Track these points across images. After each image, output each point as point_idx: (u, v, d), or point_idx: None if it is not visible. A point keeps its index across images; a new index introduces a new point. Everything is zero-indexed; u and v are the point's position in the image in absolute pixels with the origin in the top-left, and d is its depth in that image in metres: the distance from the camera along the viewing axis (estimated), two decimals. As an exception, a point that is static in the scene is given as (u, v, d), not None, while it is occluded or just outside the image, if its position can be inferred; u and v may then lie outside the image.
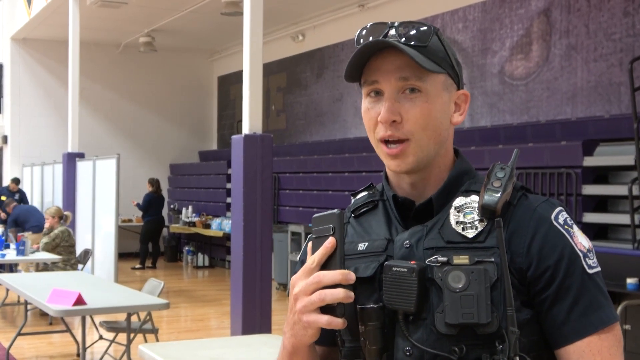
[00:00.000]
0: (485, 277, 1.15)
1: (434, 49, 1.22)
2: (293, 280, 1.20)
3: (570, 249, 1.18)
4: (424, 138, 1.22)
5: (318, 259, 1.16)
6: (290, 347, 1.22)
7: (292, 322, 1.19)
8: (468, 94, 1.29)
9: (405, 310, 1.18)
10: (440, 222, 1.22)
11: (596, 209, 7.04)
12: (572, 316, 1.16)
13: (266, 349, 3.96)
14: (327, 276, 1.14)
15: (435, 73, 1.22)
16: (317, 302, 1.14)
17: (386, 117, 1.21)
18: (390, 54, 1.22)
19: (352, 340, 1.24)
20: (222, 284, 11.53)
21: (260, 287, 6.08)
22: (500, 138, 8.37)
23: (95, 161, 10.22)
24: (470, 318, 1.14)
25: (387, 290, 1.19)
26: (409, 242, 1.22)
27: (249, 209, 6.06)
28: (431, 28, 1.22)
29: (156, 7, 12.06)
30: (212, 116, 16.52)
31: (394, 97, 1.22)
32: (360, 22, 11.13)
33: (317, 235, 1.19)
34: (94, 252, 9.90)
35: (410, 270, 1.17)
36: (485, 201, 1.18)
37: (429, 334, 1.17)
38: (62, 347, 7.28)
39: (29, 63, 14.93)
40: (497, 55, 8.90)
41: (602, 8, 7.63)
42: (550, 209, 1.21)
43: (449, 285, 1.15)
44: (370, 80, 1.24)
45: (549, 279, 1.17)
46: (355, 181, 10.07)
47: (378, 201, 1.32)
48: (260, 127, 6.21)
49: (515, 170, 1.24)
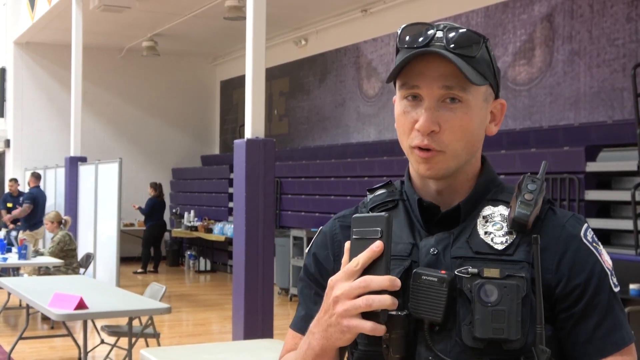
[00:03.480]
0: (518, 293, 1.13)
1: (481, 59, 1.19)
2: (332, 282, 1.14)
3: (600, 267, 1.17)
4: (459, 149, 1.20)
5: (362, 261, 1.11)
6: (319, 349, 1.16)
7: (327, 324, 1.13)
8: (505, 104, 1.27)
9: (431, 320, 1.16)
10: (468, 231, 1.20)
11: (599, 215, 7.03)
12: (597, 335, 1.15)
13: (268, 353, 3.95)
14: (374, 281, 1.09)
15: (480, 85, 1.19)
16: (362, 307, 1.09)
17: (425, 127, 1.17)
18: (435, 59, 1.17)
19: (368, 344, 1.21)
20: (224, 289, 11.52)
21: (262, 291, 6.07)
22: (503, 143, 8.36)
23: (98, 165, 10.23)
24: (500, 333, 1.12)
25: (415, 298, 1.16)
26: (435, 249, 1.20)
27: (251, 213, 6.06)
28: (481, 37, 1.19)
29: (159, 11, 12.07)
30: (214, 120, 16.53)
31: (434, 106, 1.18)
32: (363, 27, 11.20)
33: (360, 236, 1.14)
34: (96, 256, 9.90)
35: (441, 280, 1.15)
36: (517, 215, 1.16)
37: (453, 345, 1.15)
38: (63, 351, 7.27)
39: (31, 67, 14.95)
40: (499, 60, 8.89)
41: (605, 14, 7.63)
42: (578, 225, 1.20)
43: (481, 299, 1.13)
44: (411, 84, 1.19)
45: (578, 296, 1.16)
46: (357, 186, 10.07)
47: (398, 201, 1.29)
48: (262, 132, 6.21)
49: (544, 183, 1.21)
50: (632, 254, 6.36)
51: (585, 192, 6.97)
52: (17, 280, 7.26)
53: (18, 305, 8.76)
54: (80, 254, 9.35)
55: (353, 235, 1.15)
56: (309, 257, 1.35)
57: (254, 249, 6.04)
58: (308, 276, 1.35)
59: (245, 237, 6.03)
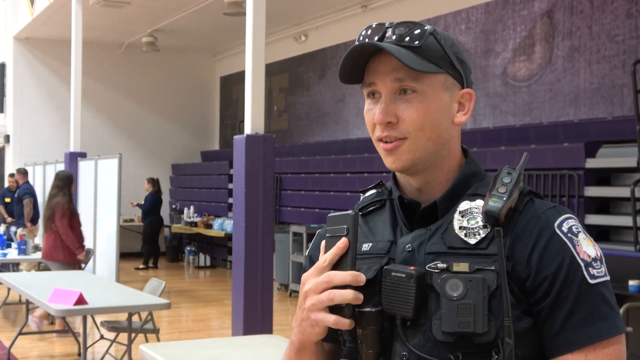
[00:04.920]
0: (484, 286, 1.13)
1: (429, 48, 1.20)
2: (304, 278, 1.20)
3: (570, 259, 1.15)
4: (421, 138, 1.21)
5: (330, 258, 1.17)
6: (298, 343, 1.22)
7: (301, 318, 1.19)
8: (473, 93, 1.27)
9: (403, 316, 1.17)
10: (444, 227, 1.21)
11: (598, 211, 7.03)
12: (568, 327, 1.13)
13: (267, 349, 3.95)
14: (337, 276, 1.15)
15: (431, 73, 1.20)
16: (325, 301, 1.14)
17: (380, 119, 1.21)
18: (386, 55, 1.20)
19: (351, 341, 1.24)
20: (224, 284, 11.53)
21: (261, 287, 6.07)
22: (503, 139, 8.36)
23: (97, 161, 10.22)
24: (466, 327, 1.13)
25: (386, 294, 1.18)
26: (411, 246, 1.21)
27: (250, 209, 6.06)
28: (425, 28, 1.20)
29: (159, 7, 12.06)
30: (214, 116, 16.52)
31: (390, 99, 1.21)
32: (363, 23, 11.13)
33: (331, 234, 1.19)
34: (96, 251, 9.90)
35: (409, 276, 1.16)
36: (488, 207, 1.16)
37: (426, 340, 1.17)
38: (63, 346, 7.27)
39: (31, 62, 14.94)
40: (499, 56, 8.89)
41: (605, 10, 7.62)
42: (555, 216, 1.18)
43: (446, 294, 1.14)
44: (368, 82, 1.23)
45: (547, 289, 1.14)
46: (357, 182, 10.07)
47: (385, 200, 1.31)
48: (262, 128, 6.21)
49: (523, 175, 1.21)
50: (631, 250, 6.37)
51: (584, 188, 6.97)
52: (16, 276, 7.26)
53: (18, 300, 8.77)
54: (80, 250, 9.33)
55: (327, 234, 1.20)
56: (306, 259, 1.39)
57: (253, 245, 6.04)
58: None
59: (244, 233, 6.03)
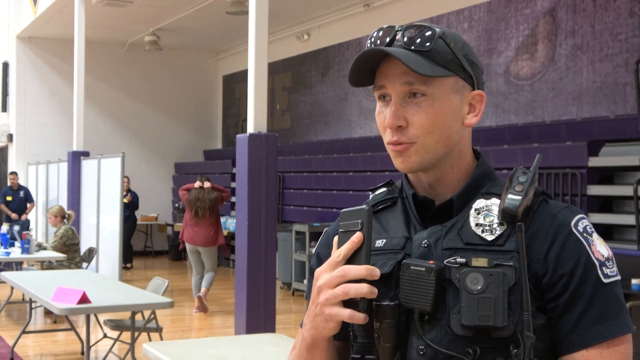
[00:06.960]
0: (504, 281, 1.15)
1: (439, 52, 1.21)
2: (317, 273, 1.20)
3: (586, 258, 1.17)
4: (431, 141, 1.22)
5: (344, 252, 1.17)
6: (310, 340, 1.21)
7: (314, 314, 1.19)
8: (483, 94, 1.28)
9: (421, 310, 1.18)
10: (460, 223, 1.23)
11: (601, 210, 7.03)
12: (581, 325, 1.15)
13: (270, 348, 3.96)
14: (352, 270, 1.15)
15: (440, 77, 1.21)
16: (340, 295, 1.14)
17: (391, 123, 1.22)
18: (395, 58, 1.21)
19: (365, 336, 1.24)
20: (227, 283, 11.54)
21: (264, 286, 6.08)
22: (506, 138, 8.36)
23: (100, 160, 10.23)
24: (486, 321, 1.14)
25: (404, 288, 1.19)
26: (427, 242, 1.23)
27: (253, 208, 6.06)
28: (435, 31, 1.21)
29: (161, 6, 12.07)
30: (217, 115, 16.53)
31: (400, 102, 1.22)
32: (366, 22, 11.18)
33: (344, 229, 1.19)
34: (99, 250, 9.92)
35: (429, 269, 1.17)
36: (506, 205, 1.18)
37: (443, 334, 1.18)
38: (66, 345, 7.29)
39: (34, 62, 14.95)
40: (502, 55, 8.88)
41: (607, 8, 7.61)
42: (570, 215, 1.21)
43: (467, 287, 1.16)
44: (379, 84, 1.25)
45: (563, 287, 1.16)
46: (360, 180, 10.07)
47: (397, 198, 1.33)
48: (265, 126, 6.21)
49: (537, 175, 1.23)
50: (634, 249, 6.37)
51: (587, 187, 6.96)
52: (20, 275, 7.27)
53: (21, 299, 8.78)
54: (83, 249, 9.36)
55: (340, 229, 1.20)
56: (314, 257, 1.39)
57: (256, 244, 6.05)
58: (313, 276, 1.38)
59: (247, 231, 6.03)
